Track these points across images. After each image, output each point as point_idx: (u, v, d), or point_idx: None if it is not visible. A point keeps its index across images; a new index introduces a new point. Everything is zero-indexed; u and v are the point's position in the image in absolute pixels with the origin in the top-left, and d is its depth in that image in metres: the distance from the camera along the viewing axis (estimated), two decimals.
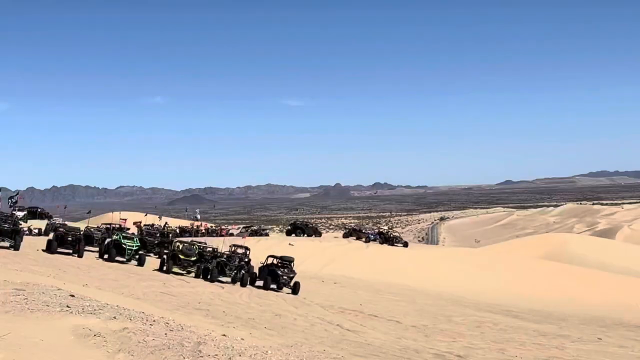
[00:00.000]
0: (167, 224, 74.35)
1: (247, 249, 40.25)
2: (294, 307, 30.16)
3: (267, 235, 74.19)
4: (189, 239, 47.24)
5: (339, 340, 21.78)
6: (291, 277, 36.89)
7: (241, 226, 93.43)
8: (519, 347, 25.33)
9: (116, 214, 77.25)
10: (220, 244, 43.85)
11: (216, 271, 36.53)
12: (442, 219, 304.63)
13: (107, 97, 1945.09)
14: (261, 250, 48.69)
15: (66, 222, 55.70)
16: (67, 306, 14.95)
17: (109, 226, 52.16)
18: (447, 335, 27.10)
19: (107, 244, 40.90)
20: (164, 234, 53.43)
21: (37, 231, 56.10)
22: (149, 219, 77.18)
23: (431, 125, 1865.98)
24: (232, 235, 66.72)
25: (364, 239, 65.94)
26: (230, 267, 37.08)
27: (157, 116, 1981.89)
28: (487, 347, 24.63)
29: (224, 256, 38.15)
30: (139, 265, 38.84)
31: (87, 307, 15.39)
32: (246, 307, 27.82)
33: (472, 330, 29.68)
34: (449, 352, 21.97)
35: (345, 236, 71.17)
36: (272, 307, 29.38)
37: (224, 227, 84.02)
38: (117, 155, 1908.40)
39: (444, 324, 31.02)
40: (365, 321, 28.52)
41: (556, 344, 27.49)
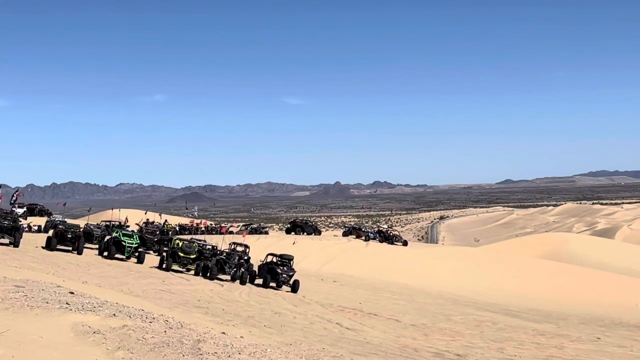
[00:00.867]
0: (166, 221, 74.29)
1: (246, 247, 40.28)
2: (293, 306, 30.16)
3: (266, 233, 74.13)
4: (188, 237, 47.26)
5: (338, 338, 21.78)
6: (290, 276, 36.88)
7: (241, 224, 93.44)
8: (518, 347, 25.34)
9: (116, 211, 77.29)
10: (219, 242, 43.87)
11: (216, 269, 36.53)
12: (442, 218, 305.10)
13: (108, 95, 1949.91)
14: (261, 248, 48.73)
15: (66, 219, 55.74)
16: (67, 303, 14.95)
17: (108, 223, 52.18)
18: (446, 334, 27.11)
19: (107, 242, 40.95)
20: (163, 232, 53.42)
21: (36, 228, 56.13)
22: (149, 217, 77.03)
23: (431, 124, 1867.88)
24: (231, 233, 66.69)
25: (363, 238, 65.89)
26: (229, 264, 37.07)
27: (157, 114, 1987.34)
28: (486, 346, 24.64)
29: (224, 254, 38.15)
30: (138, 262, 38.86)
31: (86, 304, 15.39)
32: (245, 305, 27.82)
33: (471, 329, 29.69)
34: (448, 351, 21.98)
35: (344, 235, 71.13)
36: (271, 305, 29.39)
37: (223, 224, 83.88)
38: (117, 152, 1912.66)
39: (443, 322, 31.02)
40: (364, 320, 28.52)
41: (555, 343, 27.50)
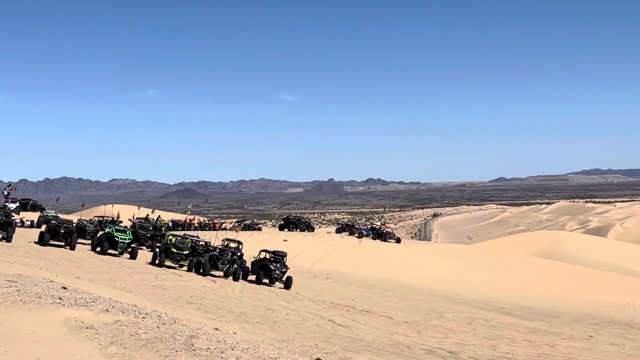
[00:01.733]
0: (159, 217, 74.20)
1: (239, 243, 40.25)
2: (286, 302, 30.18)
3: (260, 229, 74.13)
4: (181, 233, 47.21)
5: (331, 335, 21.79)
6: (284, 272, 36.89)
7: (234, 220, 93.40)
8: (511, 344, 25.40)
9: (109, 206, 77.18)
10: (213, 238, 43.85)
11: (209, 265, 36.51)
12: (435, 216, 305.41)
13: (101, 90, 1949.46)
14: (254, 244, 48.75)
15: (59, 215, 55.67)
16: (60, 298, 14.93)
17: (101, 219, 52.09)
18: (439, 331, 27.16)
19: (100, 237, 40.87)
20: (156, 227, 53.37)
21: (29, 223, 56.04)
22: (142, 213, 77.02)
23: (425, 122, 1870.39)
24: (225, 229, 66.68)
25: (356, 235, 65.98)
26: (222, 261, 37.05)
27: (150, 110, 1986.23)
28: (478, 343, 24.69)
29: (217, 250, 38.12)
30: (131, 258, 38.80)
31: (79, 299, 15.37)
32: (238, 302, 27.82)
33: (463, 326, 29.74)
34: (441, 348, 22.01)
35: (338, 231, 71.22)
36: (264, 301, 29.40)
37: (216, 221, 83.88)
38: (110, 148, 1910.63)
39: (435, 320, 31.08)
40: (357, 316, 28.56)
41: (547, 341, 27.57)
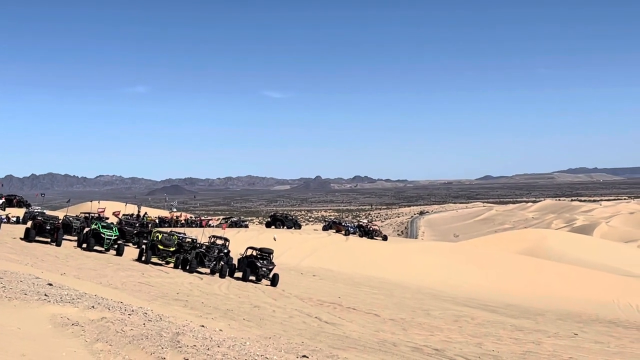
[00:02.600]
0: (146, 213, 74.01)
1: (226, 240, 40.22)
2: (272, 299, 30.18)
3: (246, 226, 74.04)
4: (168, 230, 47.13)
5: (317, 332, 21.82)
6: (270, 269, 36.88)
7: (221, 217, 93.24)
8: (496, 342, 25.47)
9: (95, 203, 76.90)
10: (199, 235, 43.80)
11: (195, 262, 36.48)
12: (422, 213, 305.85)
13: (89, 86, 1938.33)
14: (240, 241, 48.68)
15: (44, 211, 55.43)
16: (45, 295, 14.89)
17: (87, 215, 51.93)
18: (425, 329, 27.21)
19: (86, 233, 40.77)
20: (143, 224, 53.23)
21: (15, 219, 55.78)
22: (129, 209, 76.74)
23: (412, 120, 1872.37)
24: (211, 226, 66.58)
25: (343, 232, 65.97)
26: (209, 258, 37.00)
27: (138, 106, 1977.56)
28: (464, 341, 24.75)
29: (203, 247, 38.07)
30: (117, 254, 38.72)
31: (65, 296, 15.34)
32: (225, 299, 27.81)
33: (449, 324, 29.81)
34: (427, 346, 22.06)
35: (324, 229, 71.22)
36: (250, 298, 29.39)
37: (203, 218, 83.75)
38: (97, 144, 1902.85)
39: (422, 317, 31.13)
40: (343, 314, 28.58)
41: (533, 339, 27.67)
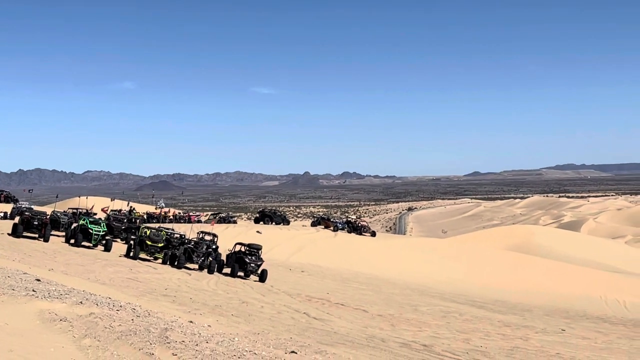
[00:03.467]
0: (134, 209, 73.78)
1: (214, 236, 40.18)
2: (261, 295, 30.17)
3: (235, 222, 73.96)
4: (156, 225, 47.06)
5: (306, 328, 21.83)
6: (259, 265, 36.86)
7: (209, 213, 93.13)
8: (484, 338, 25.54)
9: (83, 198, 76.71)
10: (188, 231, 43.74)
11: (183, 258, 36.43)
12: (410, 209, 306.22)
13: (77, 81, 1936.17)
14: (229, 237, 48.65)
15: (32, 206, 55.25)
16: (33, 290, 14.86)
17: (75, 211, 51.77)
18: (413, 324, 27.25)
19: (74, 229, 40.65)
20: (131, 220, 53.11)
21: (2, 215, 55.60)
22: (117, 205, 76.52)
23: (400, 117, 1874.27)
24: (200, 222, 66.51)
25: (332, 228, 66.01)
26: (197, 253, 36.98)
27: (126, 102, 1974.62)
28: (452, 336, 24.81)
29: (192, 243, 38.02)
30: (105, 250, 38.62)
31: (53, 291, 15.30)
32: (213, 294, 27.79)
33: (437, 320, 29.87)
34: (415, 341, 22.10)
35: (313, 225, 71.25)
36: (239, 294, 29.37)
37: (192, 213, 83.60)
38: (85, 139, 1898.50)
39: (410, 313, 31.18)
40: (331, 310, 28.59)
41: (520, 334, 27.75)
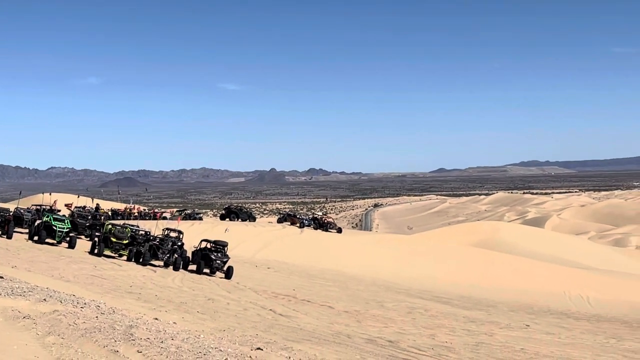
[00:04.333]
0: (98, 205, 73.22)
1: (180, 233, 39.99)
2: (227, 292, 30.10)
3: (200, 219, 73.68)
4: (121, 222, 46.73)
5: (272, 324, 21.82)
6: (224, 262, 36.77)
7: (175, 210, 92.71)
8: (449, 333, 25.70)
9: (47, 195, 75.95)
10: (153, 228, 43.51)
11: (148, 254, 36.25)
12: (376, 206, 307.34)
13: (40, 77, 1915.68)
14: (195, 234, 48.45)
15: None
16: None
17: (39, 207, 51.26)
18: (379, 320, 27.35)
19: (37, 226, 40.27)
20: (95, 216, 52.70)
21: None
22: (81, 201, 75.86)
23: (367, 113, 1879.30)
24: (165, 218, 66.16)
25: (298, 225, 65.99)
26: (163, 250, 36.79)
27: (90, 97, 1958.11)
28: (418, 332, 24.93)
29: (157, 239, 37.82)
30: (69, 247, 38.28)
31: (16, 289, 15.16)
32: (178, 291, 27.68)
33: (403, 316, 30.00)
34: (381, 337, 22.18)
35: (279, 221, 71.20)
36: (204, 291, 29.29)
37: (157, 210, 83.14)
38: (49, 136, 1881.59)
39: (376, 309, 31.28)
40: (298, 306, 28.61)
41: (485, 330, 27.97)
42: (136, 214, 70.34)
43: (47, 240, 38.69)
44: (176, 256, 36.78)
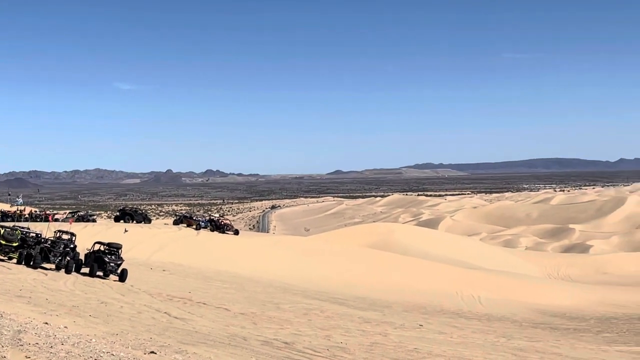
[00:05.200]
0: None
1: (72, 235, 39.11)
2: (120, 295, 29.62)
3: (94, 221, 72.27)
4: (11, 224, 45.43)
5: (166, 327, 21.58)
6: (118, 264, 36.19)
7: (67, 211, 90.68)
8: (345, 334, 25.92)
9: None
10: (44, 230, 42.45)
11: (39, 257, 35.31)
12: (274, 208, 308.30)
13: None
14: (88, 236, 47.49)
15: None
16: None
17: None
18: (275, 322, 27.37)
19: None
20: None
21: None
22: None
23: (264, 115, 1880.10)
24: (57, 220, 64.65)
25: (194, 227, 65.52)
26: (54, 253, 35.91)
27: None
28: (313, 333, 25.06)
29: (48, 242, 36.90)
30: None
31: None
32: (70, 295, 27.08)
33: (299, 317, 30.11)
34: (276, 339, 22.20)
35: (175, 223, 70.49)
36: (98, 294, 28.74)
37: (49, 212, 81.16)
38: None
39: (272, 311, 31.30)
40: (193, 309, 28.38)
41: (380, 330, 28.31)
42: (27, 216, 68.58)
43: None
44: (68, 259, 35.94)
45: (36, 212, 77.68)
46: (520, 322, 39.00)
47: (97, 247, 38.00)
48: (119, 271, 35.85)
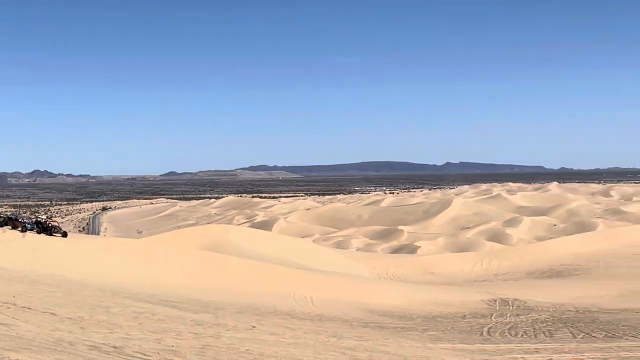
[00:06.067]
0: None
1: None
2: None
3: None
4: None
5: None
6: None
7: None
8: (176, 337, 25.63)
9: None
10: None
11: None
12: (105, 209, 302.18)
13: None
14: None
15: None
16: None
17: None
18: (104, 326, 26.73)
19: None
20: None
21: None
22: None
23: (95, 113, 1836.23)
24: None
25: (20, 229, 63.07)
26: None
27: None
28: (144, 337, 24.64)
29: None
30: None
31: None
32: None
33: (129, 321, 29.53)
34: (105, 344, 21.68)
35: (0, 225, 67.67)
36: None
37: None
38: None
39: (101, 315, 30.54)
40: (17, 314, 27.28)
41: (212, 332, 28.18)
42: None
43: None
44: None
45: None
46: (350, 322, 39.78)
47: None
48: None
